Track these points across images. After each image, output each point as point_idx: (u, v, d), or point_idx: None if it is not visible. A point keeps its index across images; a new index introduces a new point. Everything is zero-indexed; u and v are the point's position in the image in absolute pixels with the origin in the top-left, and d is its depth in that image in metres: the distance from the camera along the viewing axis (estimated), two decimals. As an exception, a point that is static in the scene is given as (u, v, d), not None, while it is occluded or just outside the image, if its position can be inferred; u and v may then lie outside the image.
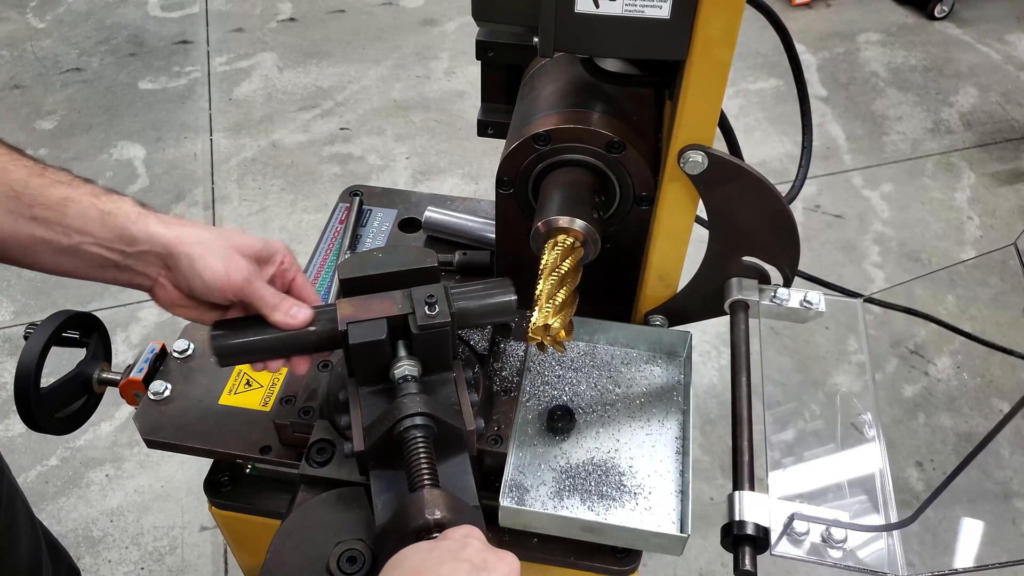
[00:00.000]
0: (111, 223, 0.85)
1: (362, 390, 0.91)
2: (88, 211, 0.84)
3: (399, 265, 0.94)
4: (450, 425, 0.86)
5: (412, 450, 0.81)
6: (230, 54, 3.92)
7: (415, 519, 0.74)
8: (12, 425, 2.41)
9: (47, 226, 0.83)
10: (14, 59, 3.86)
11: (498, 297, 0.94)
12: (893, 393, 2.54)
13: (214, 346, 0.89)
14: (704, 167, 0.95)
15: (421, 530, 0.73)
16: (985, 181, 3.31)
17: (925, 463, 2.36)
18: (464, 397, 0.92)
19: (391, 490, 0.85)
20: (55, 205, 0.83)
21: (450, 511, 0.75)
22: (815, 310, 1.09)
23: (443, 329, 0.89)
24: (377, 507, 0.84)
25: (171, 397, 1.12)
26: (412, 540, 0.74)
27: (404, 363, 0.89)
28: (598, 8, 0.86)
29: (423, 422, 0.83)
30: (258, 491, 1.16)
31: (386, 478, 0.86)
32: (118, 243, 0.85)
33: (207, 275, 0.86)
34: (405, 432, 0.83)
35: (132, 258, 0.87)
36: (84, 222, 0.84)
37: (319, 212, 3.09)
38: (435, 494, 0.76)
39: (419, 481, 0.79)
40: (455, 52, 3.94)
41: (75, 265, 0.86)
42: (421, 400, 0.84)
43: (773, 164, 3.33)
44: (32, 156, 0.86)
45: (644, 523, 0.97)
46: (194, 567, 2.13)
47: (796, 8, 4.26)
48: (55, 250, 0.84)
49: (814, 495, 0.96)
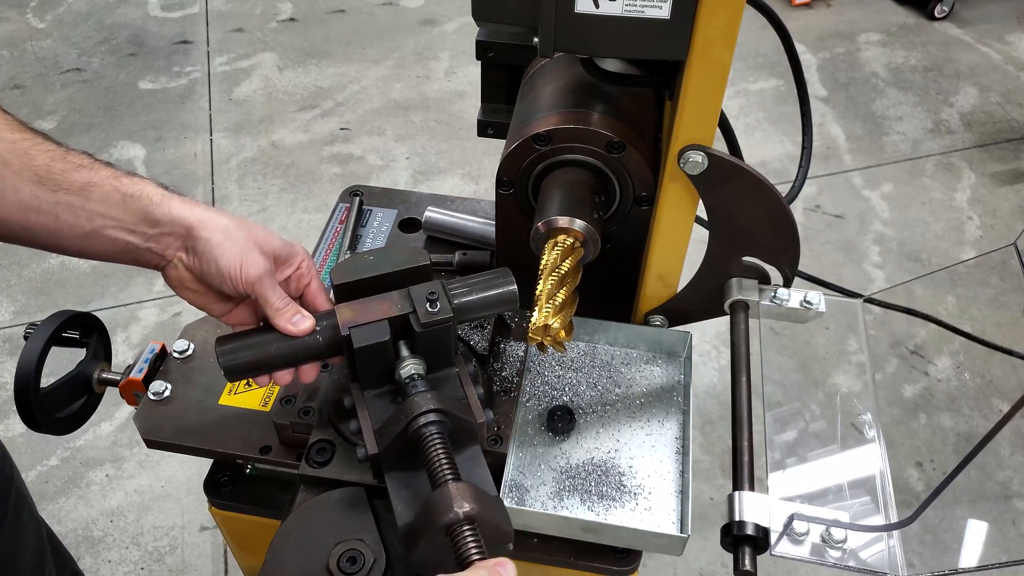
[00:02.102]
0: (133, 205, 0.85)
1: (367, 393, 0.91)
2: (111, 194, 0.84)
3: (392, 266, 0.94)
4: (461, 419, 0.86)
5: (430, 447, 0.82)
6: (230, 54, 3.92)
7: (444, 514, 0.74)
8: (12, 425, 2.41)
9: (71, 211, 0.83)
10: (14, 59, 3.86)
11: (498, 288, 0.94)
12: (893, 393, 2.54)
13: (222, 363, 0.89)
14: (704, 167, 0.95)
15: (452, 524, 0.73)
16: (985, 181, 3.31)
17: (925, 463, 2.36)
18: (470, 391, 0.92)
19: (408, 488, 0.86)
20: (78, 190, 0.83)
21: (477, 503, 0.75)
22: (815, 310, 1.09)
23: (446, 325, 0.89)
24: (398, 508, 0.84)
25: (171, 397, 1.12)
26: (443, 536, 0.74)
27: (409, 362, 0.89)
28: (598, 8, 0.86)
29: (437, 418, 0.83)
30: (258, 491, 1.16)
31: (401, 478, 0.87)
32: (141, 225, 0.85)
33: (223, 262, 0.86)
34: (420, 430, 0.83)
35: (152, 240, 0.86)
36: (107, 206, 0.84)
37: (319, 212, 3.09)
38: (461, 487, 0.76)
39: (442, 477, 0.79)
40: (455, 52, 3.94)
41: (99, 248, 0.86)
42: (432, 397, 0.84)
43: (773, 164, 3.34)
44: (53, 139, 0.86)
45: (644, 523, 0.97)
46: (194, 567, 2.13)
47: (796, 8, 4.26)
48: (79, 234, 0.84)
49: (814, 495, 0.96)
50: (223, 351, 0.89)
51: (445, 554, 0.74)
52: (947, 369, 2.62)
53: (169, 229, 0.86)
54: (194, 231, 0.86)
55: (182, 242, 0.87)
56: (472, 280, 0.94)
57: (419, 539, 0.76)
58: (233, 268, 0.86)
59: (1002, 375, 2.59)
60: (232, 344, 0.90)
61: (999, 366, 2.61)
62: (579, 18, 0.87)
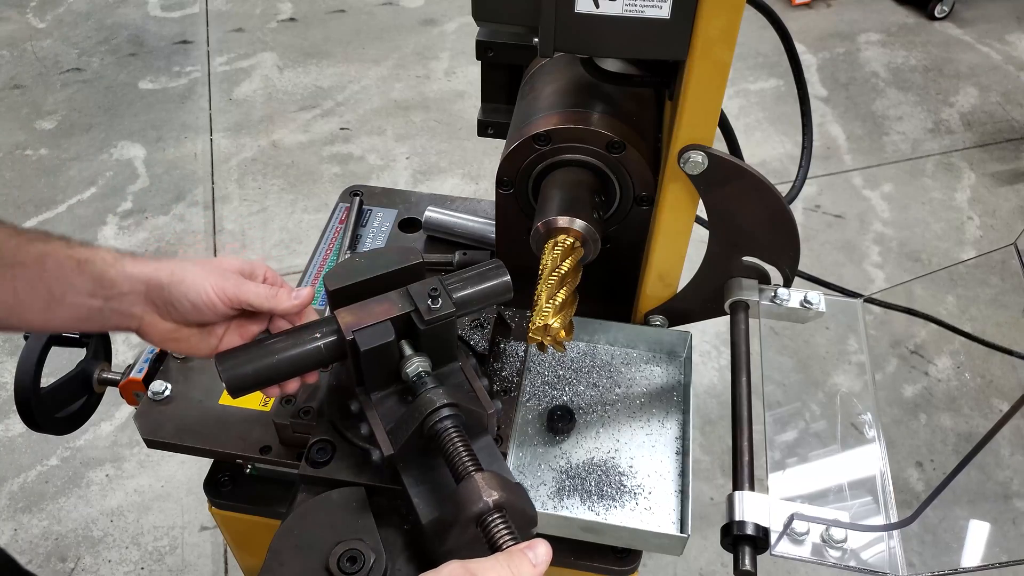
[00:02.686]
0: (88, 270, 0.85)
1: (374, 396, 0.91)
2: (65, 262, 0.85)
3: (385, 267, 0.94)
4: (472, 411, 0.87)
5: (449, 441, 0.82)
6: (230, 54, 3.92)
7: (474, 504, 0.75)
8: (12, 425, 2.41)
9: (29, 284, 0.83)
10: (14, 59, 3.86)
11: (493, 280, 0.94)
12: (893, 393, 2.54)
13: (225, 379, 0.87)
14: (704, 167, 0.95)
15: (482, 514, 0.75)
16: (985, 181, 3.31)
17: (925, 463, 2.36)
18: (477, 382, 0.93)
19: (425, 484, 0.86)
20: (33, 262, 0.83)
21: (504, 491, 0.76)
22: (815, 310, 1.09)
23: (449, 320, 0.89)
24: (418, 505, 0.85)
25: (171, 397, 1.12)
26: (474, 527, 0.75)
27: (415, 360, 0.90)
28: (598, 8, 0.86)
29: (451, 412, 0.84)
30: (258, 491, 1.16)
31: (417, 475, 0.87)
32: (99, 288, 0.86)
33: (192, 295, 0.87)
34: (437, 425, 0.83)
35: (115, 300, 0.87)
36: (62, 272, 0.84)
37: (319, 212, 3.09)
38: (487, 477, 0.77)
39: (464, 469, 0.80)
40: (455, 52, 3.94)
41: (64, 317, 0.87)
42: (444, 392, 0.85)
43: (773, 164, 3.34)
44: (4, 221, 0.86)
45: (644, 523, 0.97)
46: (194, 567, 2.13)
47: (796, 8, 4.26)
48: (40, 307, 0.85)
49: (814, 495, 0.96)
50: (225, 368, 0.87)
51: (476, 544, 0.75)
52: (947, 369, 2.62)
53: (128, 288, 0.87)
54: (152, 281, 0.87)
55: (144, 296, 0.88)
56: (466, 275, 0.95)
57: (449, 531, 0.77)
58: (205, 293, 0.87)
59: (1002, 375, 2.59)
60: (233, 359, 0.88)
61: (999, 366, 2.61)
62: (579, 18, 0.87)
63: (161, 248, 2.96)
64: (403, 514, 0.90)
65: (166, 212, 3.10)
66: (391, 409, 0.90)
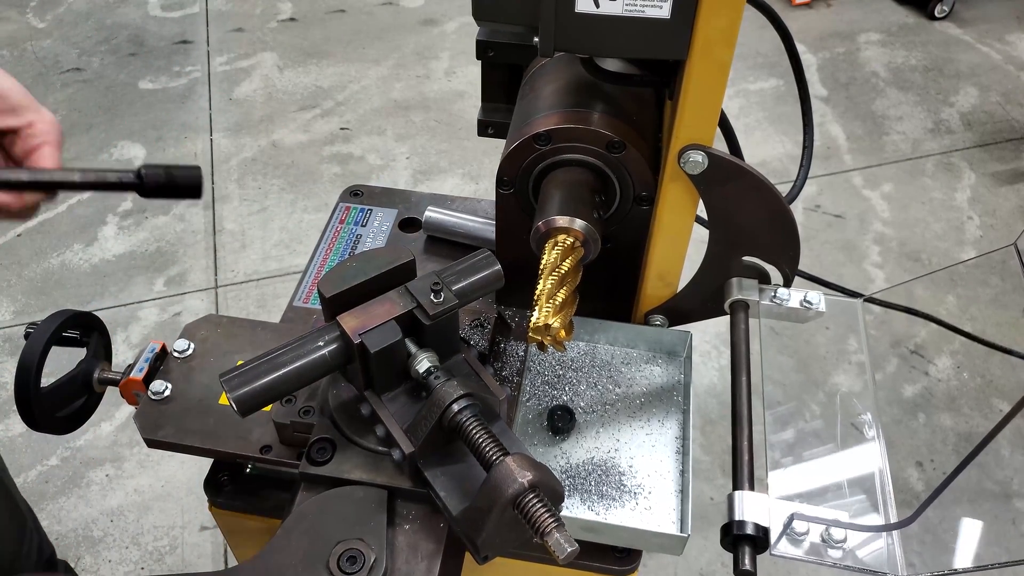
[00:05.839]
0: None
1: (384, 397, 0.92)
2: None
3: (378, 268, 0.94)
4: (486, 399, 0.88)
5: (472, 431, 0.83)
6: (230, 54, 3.92)
7: (510, 486, 0.76)
8: (12, 425, 2.41)
9: None
10: (14, 59, 3.86)
11: (485, 270, 0.95)
12: (893, 393, 2.54)
13: (232, 400, 0.86)
14: (704, 167, 0.95)
15: (519, 495, 0.76)
16: (985, 181, 3.31)
17: (925, 463, 2.36)
18: (483, 371, 0.94)
19: (448, 477, 0.88)
20: None
21: (536, 471, 0.77)
22: (815, 310, 1.09)
23: (453, 312, 0.90)
24: (446, 497, 0.86)
25: (171, 397, 1.12)
26: (511, 510, 0.76)
27: (422, 357, 0.90)
28: (598, 8, 0.86)
29: (469, 403, 0.85)
30: (258, 491, 1.16)
31: (439, 470, 0.88)
32: None
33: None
34: (457, 417, 0.84)
35: None
36: None
37: (319, 212, 3.09)
38: (518, 459, 0.78)
39: (493, 455, 0.81)
40: (455, 52, 3.94)
41: None
42: (459, 384, 0.86)
43: (773, 164, 3.34)
44: None
45: (644, 523, 0.97)
46: (194, 567, 2.13)
47: (796, 8, 4.26)
48: None
49: (814, 495, 0.96)
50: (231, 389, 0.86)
51: (515, 526, 0.77)
52: (947, 369, 2.62)
53: None
54: None
55: None
56: (458, 267, 0.95)
57: (486, 519, 0.78)
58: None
59: (1002, 375, 2.59)
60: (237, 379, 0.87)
61: (999, 366, 2.61)
62: (579, 18, 0.87)
63: (161, 248, 2.96)
64: None
65: (166, 212, 3.10)
66: (403, 408, 0.91)
